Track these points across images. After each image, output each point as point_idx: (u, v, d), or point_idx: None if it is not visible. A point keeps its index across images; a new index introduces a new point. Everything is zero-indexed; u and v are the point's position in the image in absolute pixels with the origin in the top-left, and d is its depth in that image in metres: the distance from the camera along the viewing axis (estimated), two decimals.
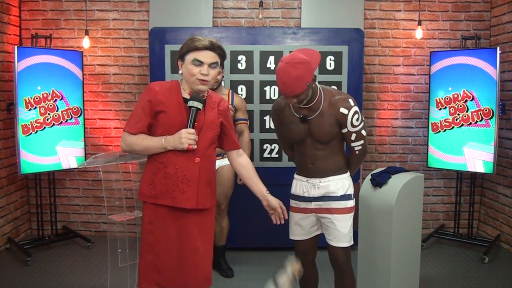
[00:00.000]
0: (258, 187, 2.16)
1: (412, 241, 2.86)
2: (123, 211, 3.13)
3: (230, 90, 3.46)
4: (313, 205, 2.38)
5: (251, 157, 3.70)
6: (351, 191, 2.39)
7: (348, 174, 2.43)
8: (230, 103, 3.37)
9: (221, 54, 2.01)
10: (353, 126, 2.27)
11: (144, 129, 1.97)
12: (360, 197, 2.95)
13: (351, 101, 2.26)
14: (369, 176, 2.94)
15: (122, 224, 3.15)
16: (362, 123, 2.32)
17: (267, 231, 3.87)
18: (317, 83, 2.31)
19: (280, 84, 2.14)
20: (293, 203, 2.47)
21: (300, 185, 2.42)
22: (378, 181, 2.83)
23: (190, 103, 1.94)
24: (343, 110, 2.24)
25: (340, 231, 2.34)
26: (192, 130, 1.92)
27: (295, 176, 2.49)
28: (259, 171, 3.70)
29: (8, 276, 3.34)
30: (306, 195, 2.39)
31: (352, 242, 2.41)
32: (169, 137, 1.93)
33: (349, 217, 2.37)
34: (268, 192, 2.15)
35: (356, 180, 3.80)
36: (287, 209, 2.24)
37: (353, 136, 2.31)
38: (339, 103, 2.25)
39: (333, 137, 2.31)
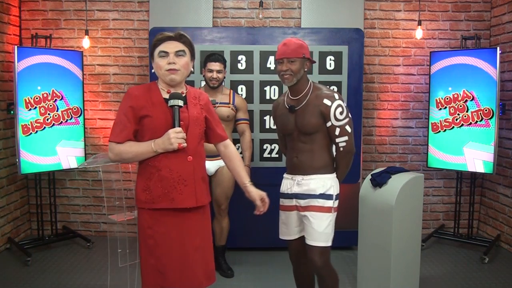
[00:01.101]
0: (240, 177, 2.13)
1: (412, 241, 2.86)
2: (123, 211, 3.13)
3: (231, 90, 3.46)
4: (294, 202, 2.41)
5: (251, 157, 3.70)
6: (333, 191, 2.37)
7: (333, 175, 2.42)
8: (231, 103, 3.37)
9: (188, 43, 1.98)
10: (336, 119, 2.31)
11: (130, 136, 1.94)
12: (360, 197, 2.95)
13: (336, 96, 2.34)
14: (369, 176, 2.94)
15: (122, 224, 3.15)
16: (347, 119, 2.34)
17: (267, 231, 3.87)
18: (309, 78, 2.44)
19: (281, 45, 2.34)
20: (280, 201, 2.51)
21: (286, 183, 2.47)
22: (378, 181, 2.83)
23: (171, 102, 1.91)
24: (326, 101, 2.31)
25: (315, 229, 2.32)
26: (179, 129, 1.90)
27: (284, 175, 2.53)
28: (259, 171, 3.76)
29: (8, 276, 3.34)
30: (289, 191, 2.43)
31: (329, 243, 2.35)
32: (158, 140, 1.90)
33: (327, 216, 2.34)
34: (250, 182, 2.11)
35: (356, 180, 3.82)
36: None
37: (337, 131, 2.33)
38: (323, 95, 2.34)
39: (316, 129, 2.34)
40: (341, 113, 2.31)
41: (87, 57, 4.18)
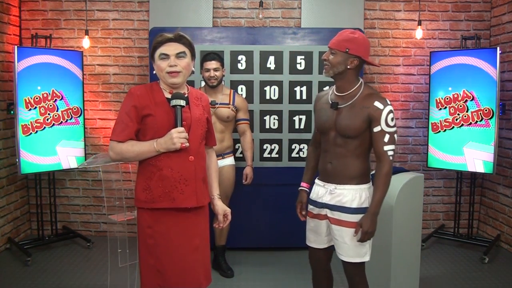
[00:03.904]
0: (211, 188, 2.17)
1: (412, 241, 2.85)
2: (123, 211, 3.13)
3: (232, 90, 3.46)
4: (324, 211, 2.26)
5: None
6: (368, 204, 2.19)
7: (368, 185, 2.23)
8: (231, 103, 3.37)
9: (188, 43, 1.98)
10: (387, 125, 2.11)
11: (132, 135, 1.94)
12: None
13: (388, 101, 2.15)
14: None
15: (122, 224, 3.16)
16: (396, 128, 2.16)
17: (267, 231, 3.88)
18: (361, 79, 2.25)
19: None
20: (310, 208, 2.37)
21: (317, 190, 2.31)
22: None
23: (174, 102, 1.92)
24: (377, 104, 2.11)
25: (349, 245, 2.18)
26: (181, 129, 1.90)
27: (315, 181, 2.38)
28: (259, 171, 3.77)
29: (8, 276, 3.34)
30: (319, 200, 2.27)
31: (366, 258, 2.22)
32: (161, 140, 1.90)
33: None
34: (218, 196, 2.16)
35: None
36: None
37: (387, 138, 2.12)
38: (374, 98, 2.14)
39: (358, 133, 2.15)
40: (392, 119, 2.12)
41: (87, 57, 4.18)
